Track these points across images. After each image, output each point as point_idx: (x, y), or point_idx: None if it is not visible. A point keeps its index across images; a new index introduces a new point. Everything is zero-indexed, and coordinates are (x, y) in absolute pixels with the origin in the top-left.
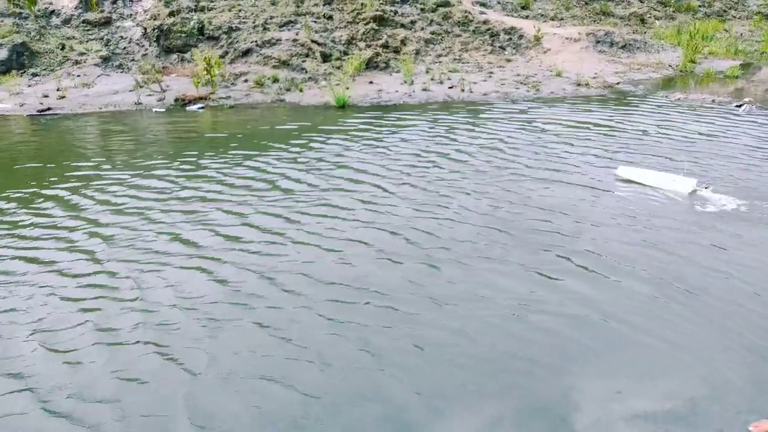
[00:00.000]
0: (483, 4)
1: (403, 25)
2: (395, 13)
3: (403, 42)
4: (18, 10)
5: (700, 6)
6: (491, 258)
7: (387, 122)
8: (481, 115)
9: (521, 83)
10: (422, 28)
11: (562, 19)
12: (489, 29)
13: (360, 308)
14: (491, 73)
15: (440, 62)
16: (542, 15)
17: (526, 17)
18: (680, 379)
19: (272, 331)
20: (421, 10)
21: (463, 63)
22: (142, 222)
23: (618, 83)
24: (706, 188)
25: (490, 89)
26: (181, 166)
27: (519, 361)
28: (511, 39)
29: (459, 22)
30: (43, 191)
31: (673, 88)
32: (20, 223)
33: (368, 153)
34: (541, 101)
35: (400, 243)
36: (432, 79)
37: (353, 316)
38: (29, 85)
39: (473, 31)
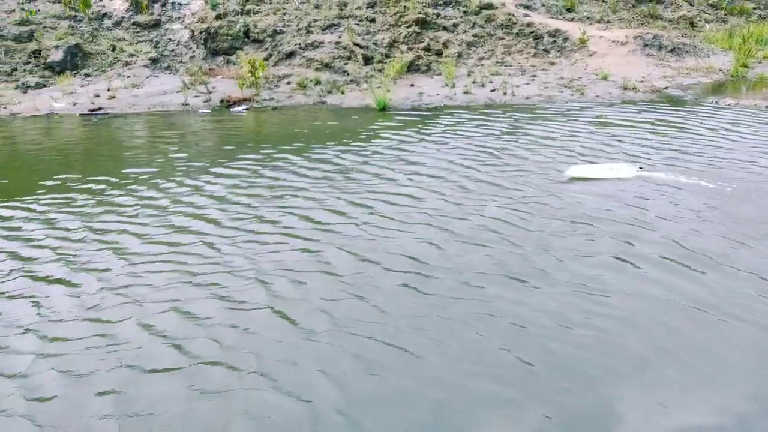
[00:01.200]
0: (527, 7)
1: (445, 28)
2: (438, 15)
3: (445, 45)
4: (73, 13)
5: (754, 8)
6: (539, 261)
7: (428, 124)
8: (524, 118)
9: (565, 86)
10: (465, 31)
11: (608, 21)
12: (533, 32)
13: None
14: (534, 76)
15: (482, 65)
16: (588, 17)
17: (571, 20)
18: (730, 393)
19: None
20: (464, 12)
21: (505, 66)
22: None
23: (666, 88)
24: (640, 168)
25: (533, 92)
26: (228, 164)
27: (559, 369)
28: (555, 42)
29: (502, 24)
30: (85, 185)
31: (723, 93)
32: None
33: (409, 153)
34: (586, 105)
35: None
36: (474, 82)
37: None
38: (82, 85)
39: (516, 33)
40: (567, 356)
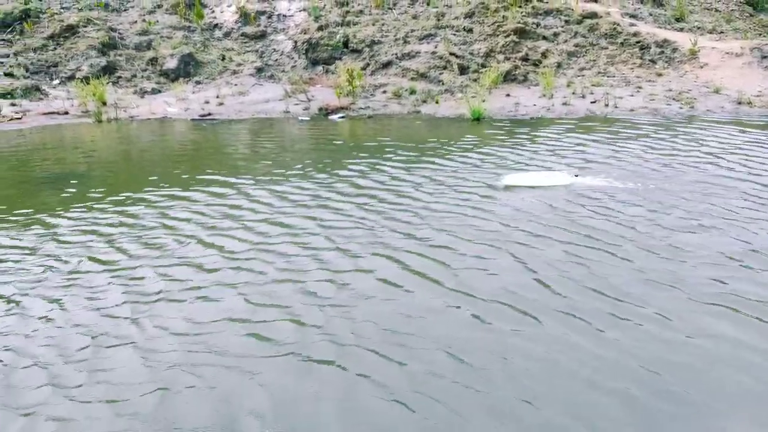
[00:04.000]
0: (633, 16)
1: (545, 38)
2: (537, 25)
3: (544, 54)
4: (187, 24)
5: None
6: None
7: (524, 135)
8: (629, 131)
9: (673, 99)
10: (565, 41)
11: (721, 32)
12: (639, 42)
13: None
14: (639, 87)
15: (583, 75)
16: (699, 27)
17: (681, 30)
18: None
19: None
20: (566, 22)
21: (608, 76)
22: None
23: None
24: (576, 176)
25: (637, 105)
26: (325, 169)
27: (663, 396)
28: (663, 52)
29: (606, 34)
30: (192, 185)
31: None
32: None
33: (508, 162)
34: (696, 119)
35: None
36: (573, 93)
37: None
38: (193, 92)
39: (621, 43)
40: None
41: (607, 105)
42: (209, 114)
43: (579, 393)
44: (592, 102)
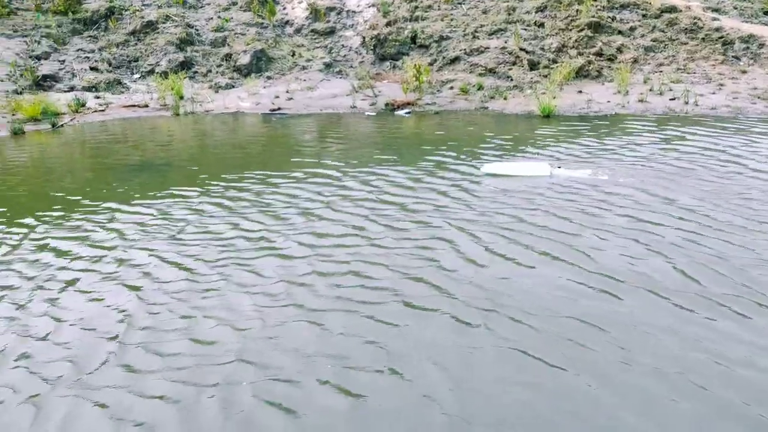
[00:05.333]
0: (716, 10)
1: (620, 32)
2: (613, 19)
3: (620, 50)
4: (260, 21)
5: None
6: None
7: (598, 134)
8: (712, 131)
9: (759, 98)
10: (642, 35)
11: None
12: (721, 37)
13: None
14: (721, 85)
15: (661, 72)
16: None
17: None
18: None
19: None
20: (643, 16)
21: (687, 73)
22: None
23: None
24: (558, 167)
25: (719, 103)
26: (391, 165)
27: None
28: (748, 48)
29: (686, 28)
30: (261, 177)
31: None
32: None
33: (579, 162)
34: None
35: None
36: (650, 90)
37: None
38: (264, 87)
39: (702, 38)
40: None
41: (686, 103)
42: (279, 108)
43: None
44: (670, 99)
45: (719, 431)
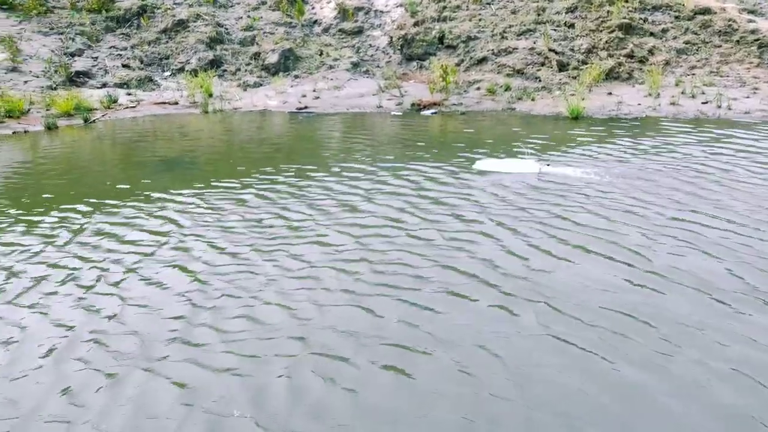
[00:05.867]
0: (752, 12)
1: (652, 34)
2: (645, 20)
3: (651, 52)
4: (289, 20)
5: None
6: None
7: (628, 136)
8: (747, 133)
9: None
10: (674, 37)
11: None
12: (758, 39)
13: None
14: (756, 88)
15: (693, 75)
16: None
17: None
18: None
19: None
20: (676, 17)
21: (721, 76)
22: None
23: None
24: (547, 165)
25: (754, 107)
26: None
27: None
28: None
29: (720, 31)
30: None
31: None
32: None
33: (604, 169)
34: None
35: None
36: (682, 93)
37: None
38: (291, 86)
39: (737, 41)
40: None
41: (719, 106)
42: (306, 107)
43: None
44: (703, 103)
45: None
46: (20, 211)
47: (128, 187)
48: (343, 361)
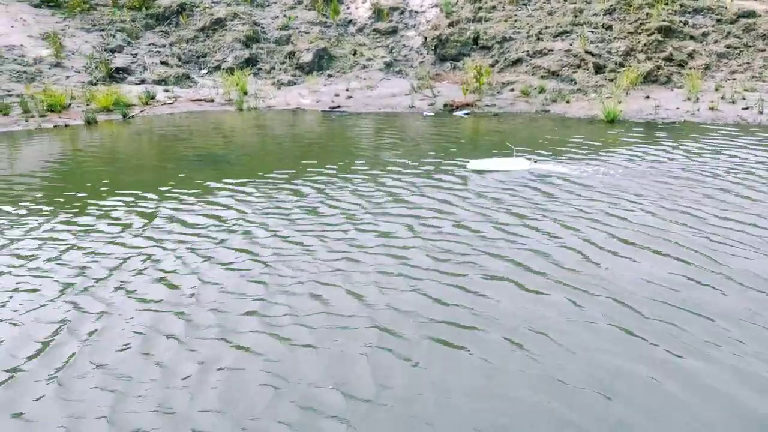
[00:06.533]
0: None
1: (692, 37)
2: (685, 23)
3: (691, 55)
4: (324, 20)
5: None
6: None
7: (667, 141)
8: None
9: None
10: (716, 41)
11: None
12: None
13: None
14: None
15: (734, 79)
16: None
17: None
18: None
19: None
20: (717, 21)
21: (763, 81)
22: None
23: None
24: (535, 162)
25: None
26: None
27: None
28: None
29: (764, 35)
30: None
31: None
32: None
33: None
34: None
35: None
36: (722, 98)
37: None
38: (325, 85)
39: None
40: None
41: (761, 112)
42: (338, 106)
43: None
44: (743, 108)
45: None
46: (87, 196)
47: (182, 176)
48: (406, 341)
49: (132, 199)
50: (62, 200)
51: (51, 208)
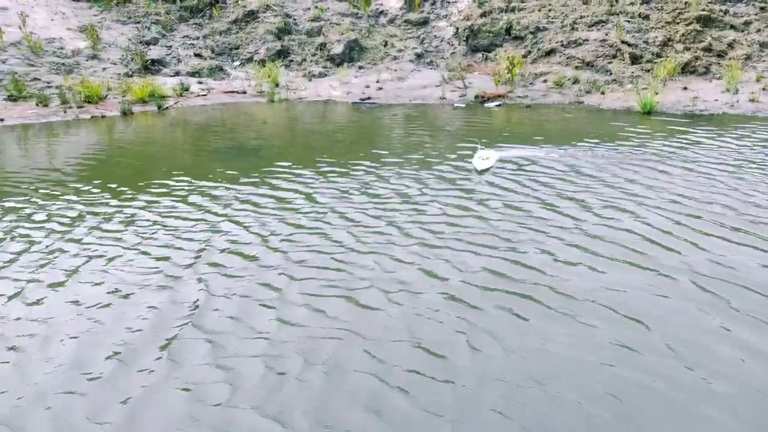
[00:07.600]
0: None
1: (733, 27)
2: (725, 12)
3: (731, 45)
4: (355, 11)
5: None
6: None
7: (705, 134)
8: None
9: None
10: (758, 30)
11: None
12: None
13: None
14: None
15: None
16: None
17: None
18: None
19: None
20: (761, 9)
21: None
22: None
23: None
24: (482, 148)
25: None
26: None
27: None
28: None
29: None
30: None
31: None
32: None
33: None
34: None
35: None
36: (763, 89)
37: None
38: (355, 77)
39: None
40: None
41: None
42: (369, 98)
43: None
44: None
45: None
46: (139, 182)
47: (223, 166)
48: (443, 343)
49: (190, 184)
50: (142, 184)
51: (132, 193)
